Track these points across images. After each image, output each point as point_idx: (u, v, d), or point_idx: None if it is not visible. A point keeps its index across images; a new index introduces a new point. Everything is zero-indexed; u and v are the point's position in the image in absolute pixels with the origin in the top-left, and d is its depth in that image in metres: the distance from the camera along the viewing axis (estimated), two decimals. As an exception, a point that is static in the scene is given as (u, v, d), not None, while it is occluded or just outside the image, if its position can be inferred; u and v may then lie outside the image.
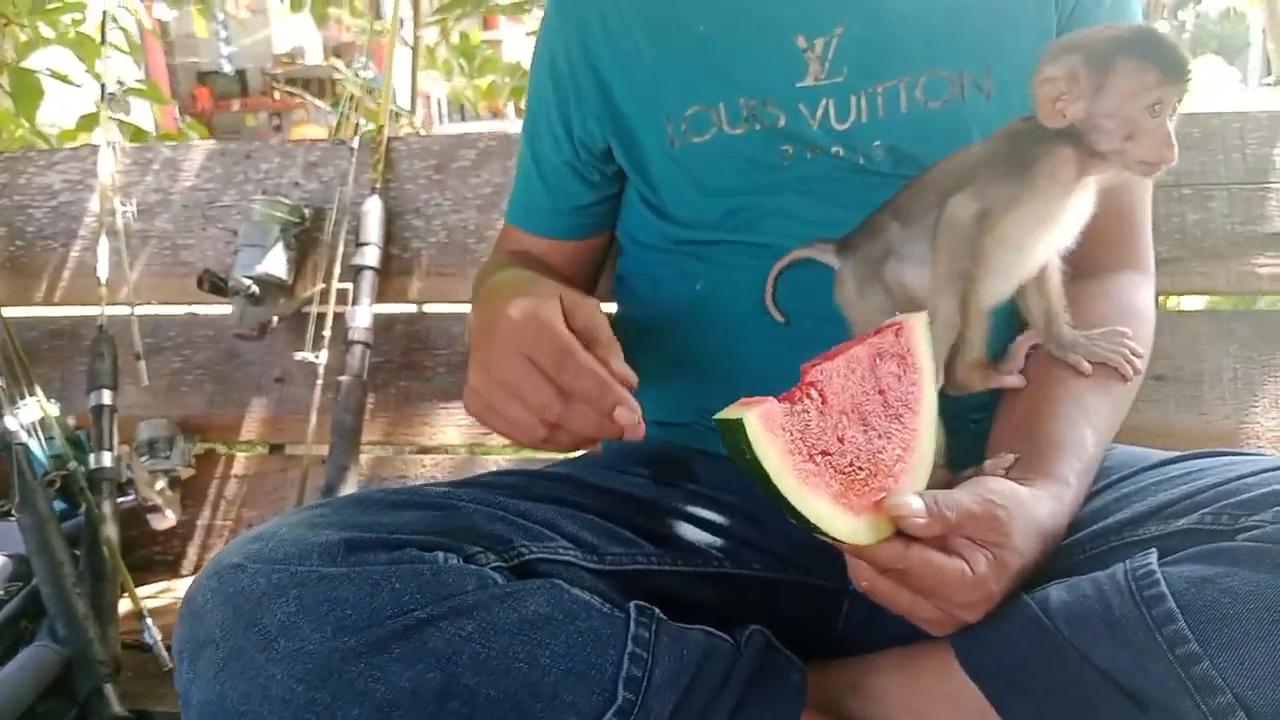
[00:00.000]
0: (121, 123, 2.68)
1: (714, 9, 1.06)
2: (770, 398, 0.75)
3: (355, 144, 1.50)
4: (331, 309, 1.43)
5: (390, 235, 1.49)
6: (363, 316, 1.42)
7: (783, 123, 1.03)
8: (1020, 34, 1.02)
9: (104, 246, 1.45)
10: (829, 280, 0.97)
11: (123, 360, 1.43)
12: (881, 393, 0.79)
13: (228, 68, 9.22)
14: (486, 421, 0.86)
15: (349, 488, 1.37)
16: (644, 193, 1.12)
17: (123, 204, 1.47)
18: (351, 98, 1.90)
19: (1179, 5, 10.28)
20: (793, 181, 1.03)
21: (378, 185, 1.48)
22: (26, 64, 2.35)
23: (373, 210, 1.46)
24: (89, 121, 2.65)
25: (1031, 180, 0.87)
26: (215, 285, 1.41)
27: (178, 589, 1.43)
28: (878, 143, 1.01)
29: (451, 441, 1.48)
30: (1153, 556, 0.77)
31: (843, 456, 0.76)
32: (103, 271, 1.44)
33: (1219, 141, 1.36)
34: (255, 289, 1.41)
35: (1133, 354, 0.96)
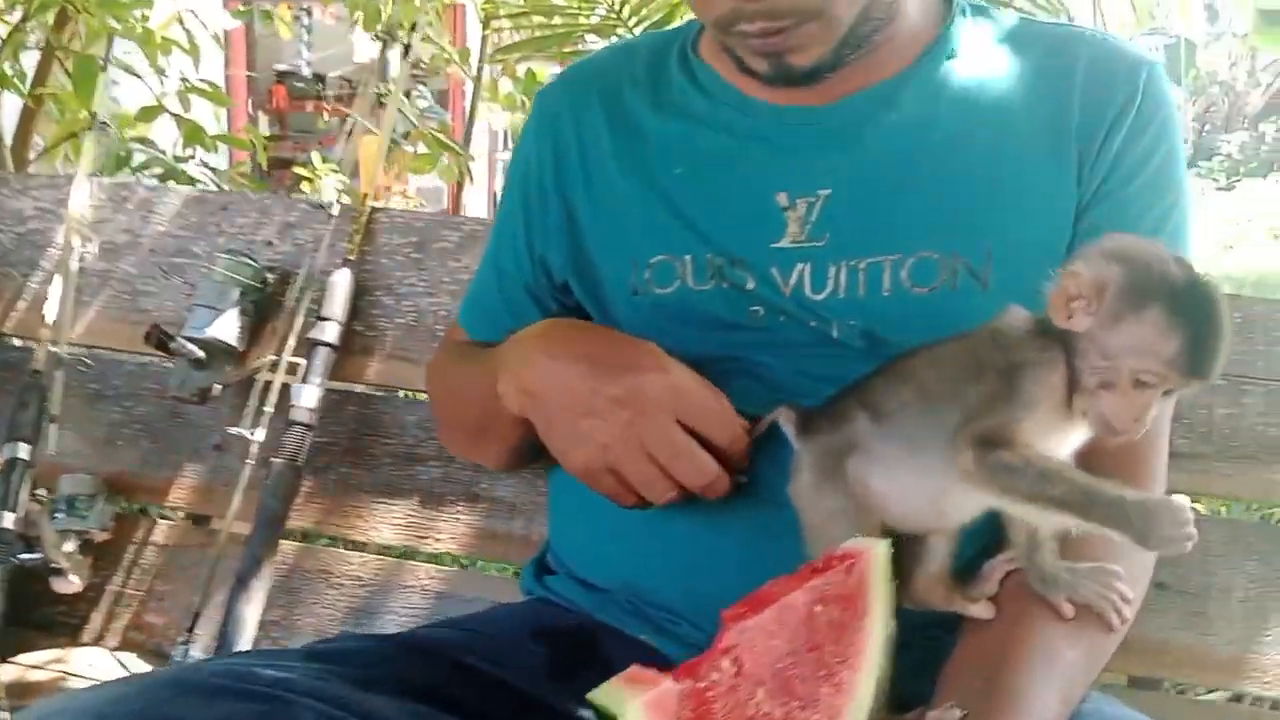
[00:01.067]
0: (180, 119, 2.69)
1: (696, 154, 0.96)
2: (666, 676, 0.64)
3: (335, 210, 1.41)
4: (278, 383, 1.34)
5: (357, 310, 1.40)
6: (309, 396, 1.33)
7: (751, 285, 0.92)
8: (1032, 215, 0.90)
9: (57, 284, 1.38)
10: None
11: (66, 401, 1.35)
12: (815, 648, 0.68)
13: (306, 71, 9.35)
14: (597, 480, 0.88)
15: (262, 581, 1.28)
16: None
17: (83, 244, 1.39)
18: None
19: (1260, 118, 10.00)
20: (762, 344, 0.93)
21: (352, 256, 1.40)
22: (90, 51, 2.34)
23: (340, 283, 1.37)
24: (149, 113, 2.67)
25: (1025, 398, 0.75)
26: (161, 342, 1.33)
27: (71, 660, 1.35)
28: (853, 323, 0.90)
29: (385, 540, 1.38)
30: None
31: None
32: (50, 311, 1.37)
33: (1262, 331, 1.22)
34: (200, 354, 1.32)
35: (1122, 599, 0.82)
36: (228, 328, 1.34)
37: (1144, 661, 1.19)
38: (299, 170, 3.35)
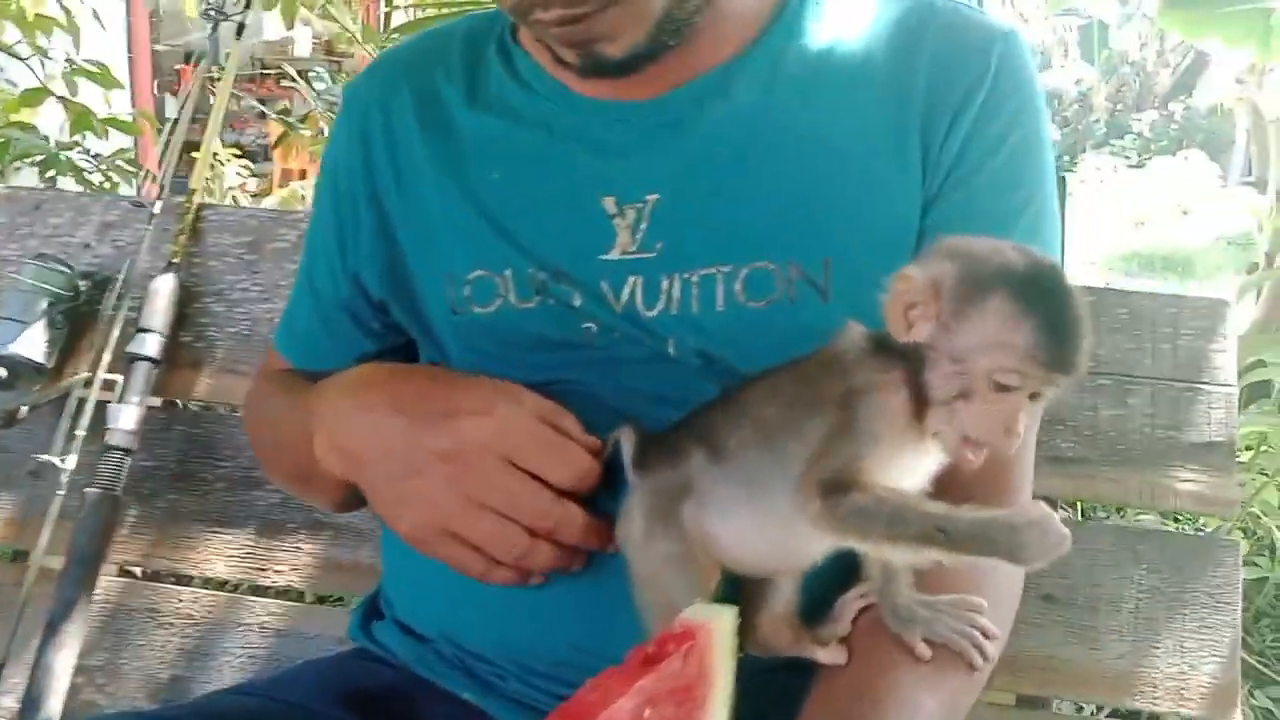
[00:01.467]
0: (68, 102, 2.51)
1: (514, 155, 0.85)
2: None
3: (156, 208, 1.28)
4: (92, 403, 1.21)
5: (183, 319, 1.27)
6: (128, 416, 1.20)
7: (579, 302, 0.82)
8: (874, 216, 0.81)
9: None
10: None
11: None
12: None
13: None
14: (434, 548, 0.78)
15: (76, 624, 1.15)
16: (432, 356, 0.91)
17: None
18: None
19: (1169, 96, 10.20)
20: (593, 364, 0.83)
21: (176, 260, 1.27)
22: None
23: (162, 290, 1.24)
24: (32, 97, 2.49)
25: (866, 432, 0.66)
26: (-42, 361, 1.19)
27: None
28: (689, 341, 0.81)
29: (218, 574, 1.25)
30: None
31: None
32: None
33: (1148, 327, 1.16)
34: (2, 372, 1.18)
35: (984, 635, 0.74)
36: (33, 343, 1.21)
37: (1031, 679, 1.13)
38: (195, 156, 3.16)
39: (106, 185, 2.64)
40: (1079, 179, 7.92)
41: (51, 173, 2.57)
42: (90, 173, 2.63)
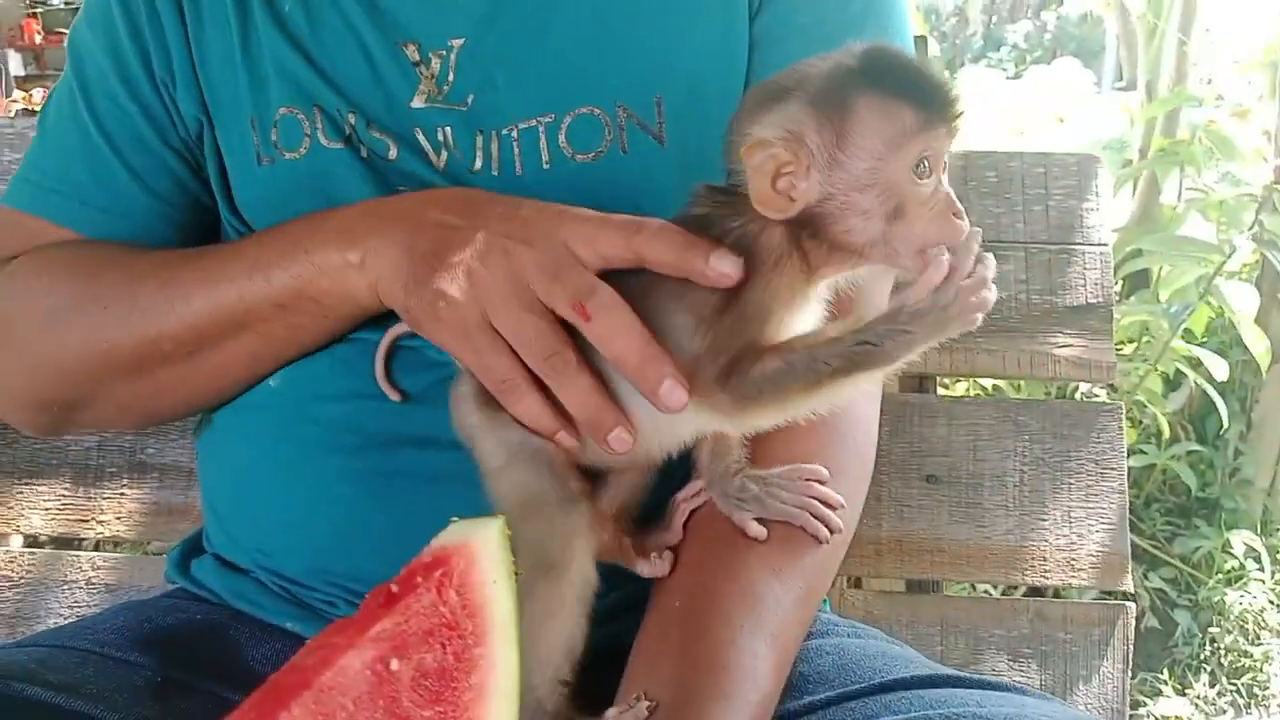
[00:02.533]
0: None
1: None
2: None
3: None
4: None
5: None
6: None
7: (393, 154, 0.72)
8: (705, 47, 0.73)
9: None
10: None
11: None
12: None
13: (56, 0, 8.43)
14: (472, 344, 0.63)
15: None
16: (230, 223, 0.80)
17: None
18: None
19: (1041, 6, 10.38)
20: None
21: None
22: None
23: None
24: None
25: (758, 309, 0.59)
26: None
27: None
28: None
29: (35, 529, 1.12)
30: None
31: None
32: None
33: (1018, 189, 1.11)
34: None
35: (825, 504, 0.67)
36: None
37: (920, 563, 1.08)
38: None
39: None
40: (959, 92, 8.01)
41: None
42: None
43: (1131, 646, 1.04)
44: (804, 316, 0.62)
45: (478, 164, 0.73)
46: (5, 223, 0.82)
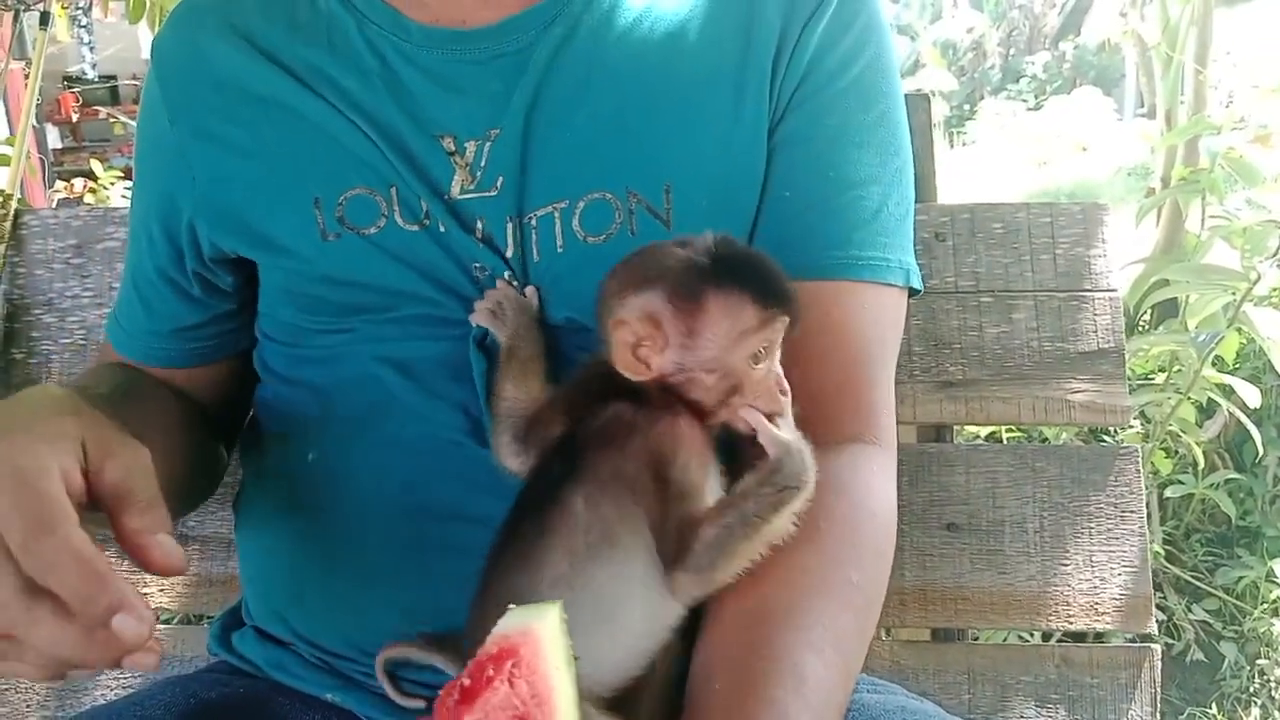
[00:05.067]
0: None
1: (342, 90, 0.80)
2: None
3: (-30, 219, 1.18)
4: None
5: (12, 335, 1.17)
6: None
7: (456, 238, 0.78)
8: (716, 138, 0.77)
9: None
10: None
11: None
12: None
13: (92, 74, 8.68)
14: None
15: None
16: (279, 308, 0.85)
17: None
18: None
19: (1059, 36, 10.39)
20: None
21: (-2, 272, 1.17)
22: None
23: (-18, 306, 1.15)
24: None
25: (686, 487, 0.65)
26: None
27: None
28: (529, 288, 0.77)
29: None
30: None
31: None
32: None
33: (1025, 239, 1.13)
34: None
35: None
36: None
37: (944, 612, 1.09)
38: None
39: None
40: (979, 125, 8.04)
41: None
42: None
43: (1159, 689, 1.04)
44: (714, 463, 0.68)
45: (509, 252, 0.77)
46: (106, 350, 0.95)
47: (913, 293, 0.81)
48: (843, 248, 0.77)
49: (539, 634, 0.53)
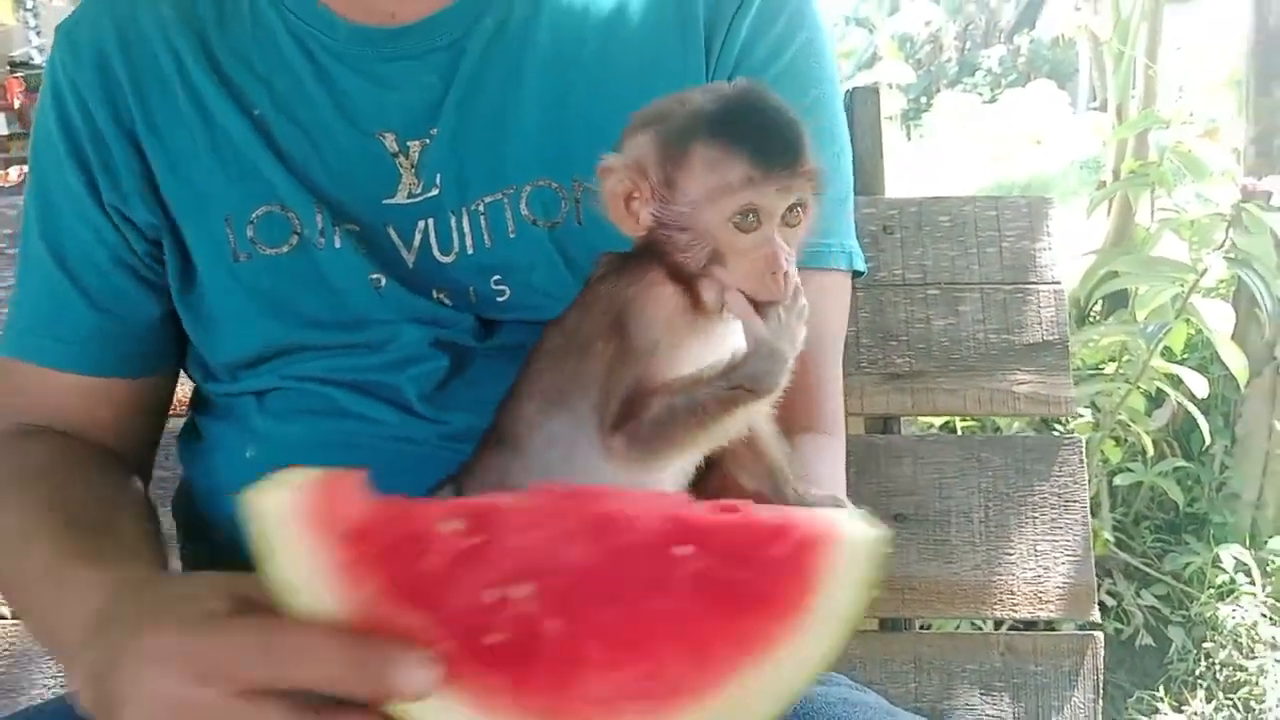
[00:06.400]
0: None
1: (279, 88, 0.78)
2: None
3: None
4: None
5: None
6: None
7: (364, 249, 0.76)
8: None
9: None
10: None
11: None
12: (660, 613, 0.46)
13: (38, 59, 8.51)
14: None
15: None
16: (200, 327, 0.82)
17: None
18: None
19: (1014, 30, 10.51)
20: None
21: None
22: None
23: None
24: None
25: (641, 343, 0.60)
26: None
27: None
28: (496, 278, 0.75)
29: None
30: None
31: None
32: None
33: (971, 232, 1.14)
34: None
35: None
36: None
37: (891, 601, 1.10)
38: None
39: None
40: (936, 117, 8.11)
41: None
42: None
43: (1101, 675, 1.06)
44: (705, 348, 0.62)
45: (454, 250, 0.76)
46: (1, 372, 0.84)
47: (856, 274, 0.81)
48: None
49: (849, 538, 0.46)
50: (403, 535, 0.45)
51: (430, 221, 0.76)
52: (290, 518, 0.45)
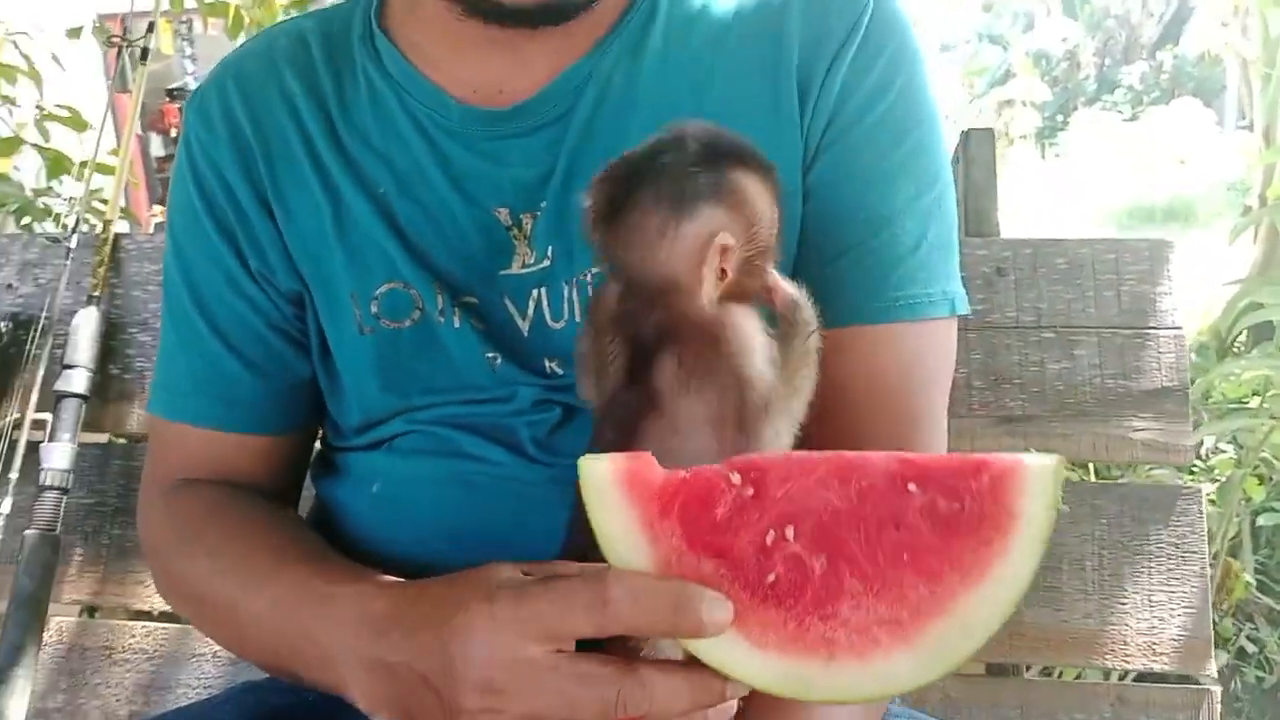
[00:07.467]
0: (40, 148, 2.52)
1: (397, 167, 0.80)
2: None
3: (74, 242, 1.26)
4: (24, 443, 1.19)
5: (109, 352, 1.25)
6: (60, 456, 1.18)
7: (482, 324, 0.79)
8: None
9: None
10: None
11: None
12: (898, 544, 0.52)
13: (194, 85, 9.01)
14: None
15: (25, 669, 1.13)
16: (333, 389, 0.87)
17: None
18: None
19: (1157, 46, 10.07)
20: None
21: (98, 293, 1.25)
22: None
23: (84, 325, 1.22)
24: (4, 147, 2.49)
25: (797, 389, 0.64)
26: (-117, 413, 1.17)
27: None
28: None
29: (167, 605, 1.23)
30: None
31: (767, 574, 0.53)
32: None
33: (1089, 275, 1.12)
34: (-72, 421, 1.17)
35: None
36: (-42, 388, 1.19)
37: (999, 646, 1.09)
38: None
39: (85, 228, 2.65)
40: (1072, 135, 7.84)
41: (27, 219, 2.58)
42: (66, 215, 2.63)
43: (1217, 734, 1.03)
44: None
45: (564, 318, 0.78)
46: (153, 430, 0.89)
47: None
48: (880, 291, 0.76)
49: (1035, 470, 0.51)
50: (693, 494, 0.53)
51: (543, 290, 0.79)
52: (612, 483, 0.53)
